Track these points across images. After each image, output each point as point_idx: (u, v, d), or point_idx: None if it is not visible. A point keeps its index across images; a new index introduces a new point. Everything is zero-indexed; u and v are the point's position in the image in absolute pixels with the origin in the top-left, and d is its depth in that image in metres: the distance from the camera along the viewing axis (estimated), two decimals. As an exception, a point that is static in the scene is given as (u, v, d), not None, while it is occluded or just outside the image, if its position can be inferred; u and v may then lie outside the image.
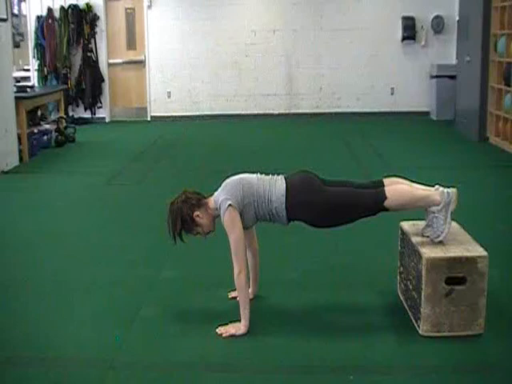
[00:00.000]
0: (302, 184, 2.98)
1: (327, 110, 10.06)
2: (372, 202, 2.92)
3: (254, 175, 3.06)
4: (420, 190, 3.00)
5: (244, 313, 2.89)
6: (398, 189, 2.95)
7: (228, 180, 3.07)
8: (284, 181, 3.00)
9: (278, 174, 3.08)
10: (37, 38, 9.83)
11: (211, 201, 3.02)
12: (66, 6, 9.84)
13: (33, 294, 3.42)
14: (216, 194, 3.03)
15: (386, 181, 3.07)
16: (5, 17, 6.76)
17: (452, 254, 2.78)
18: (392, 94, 9.98)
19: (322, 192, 2.94)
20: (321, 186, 2.97)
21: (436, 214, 2.92)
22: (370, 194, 2.94)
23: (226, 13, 9.94)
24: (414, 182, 3.11)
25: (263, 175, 3.08)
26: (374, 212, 2.96)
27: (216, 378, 2.57)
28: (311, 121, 9.80)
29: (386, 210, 2.93)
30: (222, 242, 3.00)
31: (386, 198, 2.89)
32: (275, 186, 2.97)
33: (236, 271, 2.88)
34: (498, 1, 7.27)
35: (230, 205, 2.89)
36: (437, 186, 2.99)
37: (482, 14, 7.40)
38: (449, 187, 2.97)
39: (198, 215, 2.98)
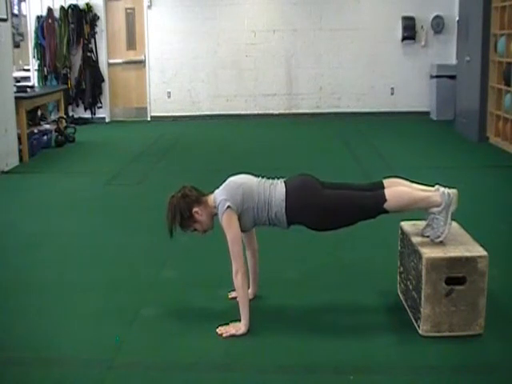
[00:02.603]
0: (301, 187, 2.98)
1: (327, 110, 10.06)
2: (372, 205, 2.91)
3: (256, 180, 3.05)
4: (420, 191, 2.98)
5: (243, 312, 2.89)
6: (397, 191, 2.93)
7: (230, 179, 3.06)
8: (284, 185, 3.00)
9: (279, 178, 3.08)
10: (37, 37, 9.84)
11: (211, 198, 3.01)
12: (66, 6, 9.85)
13: (33, 294, 3.42)
14: (216, 191, 3.02)
15: (386, 182, 3.06)
16: (5, 17, 6.76)
17: (452, 254, 2.78)
18: (392, 94, 9.98)
19: (322, 195, 2.94)
20: (320, 189, 2.96)
21: (437, 216, 2.91)
22: (369, 197, 2.93)
23: (226, 13, 9.94)
24: (414, 182, 3.10)
25: (264, 179, 3.07)
26: (373, 214, 2.96)
27: (216, 378, 2.57)
28: (311, 121, 9.79)
29: (386, 212, 2.92)
30: (222, 242, 2.99)
31: (385, 200, 2.89)
32: (275, 191, 2.96)
33: (234, 270, 2.88)
34: (498, 1, 7.27)
35: (228, 206, 2.89)
36: (437, 186, 2.98)
37: (482, 14, 7.39)
38: (449, 188, 2.97)
39: (196, 211, 2.96)
